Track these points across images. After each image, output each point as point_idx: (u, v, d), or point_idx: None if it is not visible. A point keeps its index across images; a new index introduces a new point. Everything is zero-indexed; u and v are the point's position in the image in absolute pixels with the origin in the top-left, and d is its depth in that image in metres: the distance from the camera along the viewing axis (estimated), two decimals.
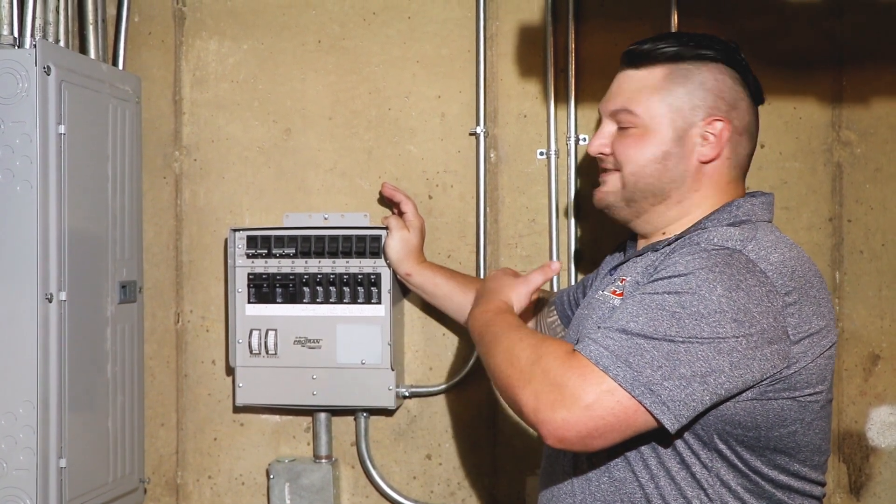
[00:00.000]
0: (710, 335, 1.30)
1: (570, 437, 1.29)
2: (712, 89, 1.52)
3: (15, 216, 1.82)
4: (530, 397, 1.32)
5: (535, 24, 2.14)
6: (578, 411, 1.28)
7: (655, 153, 1.52)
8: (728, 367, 1.30)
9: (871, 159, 2.06)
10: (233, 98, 2.24)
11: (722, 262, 1.35)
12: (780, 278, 1.36)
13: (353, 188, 2.20)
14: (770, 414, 1.37)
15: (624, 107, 1.54)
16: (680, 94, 1.52)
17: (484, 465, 2.18)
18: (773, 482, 1.40)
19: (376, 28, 2.19)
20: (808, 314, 1.38)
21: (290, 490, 2.16)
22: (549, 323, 1.91)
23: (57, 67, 1.85)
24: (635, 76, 1.55)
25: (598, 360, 1.30)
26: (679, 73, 1.52)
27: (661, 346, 1.29)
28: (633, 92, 1.54)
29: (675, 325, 1.30)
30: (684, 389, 1.29)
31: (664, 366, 1.28)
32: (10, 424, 1.82)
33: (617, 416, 1.28)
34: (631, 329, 1.32)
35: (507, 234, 2.16)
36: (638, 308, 1.34)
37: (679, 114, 1.52)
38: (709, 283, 1.32)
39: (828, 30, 2.06)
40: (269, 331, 2.13)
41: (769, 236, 1.43)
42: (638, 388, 1.28)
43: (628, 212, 1.57)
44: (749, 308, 1.32)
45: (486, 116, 2.15)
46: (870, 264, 2.06)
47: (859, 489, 2.07)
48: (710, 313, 1.30)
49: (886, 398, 2.06)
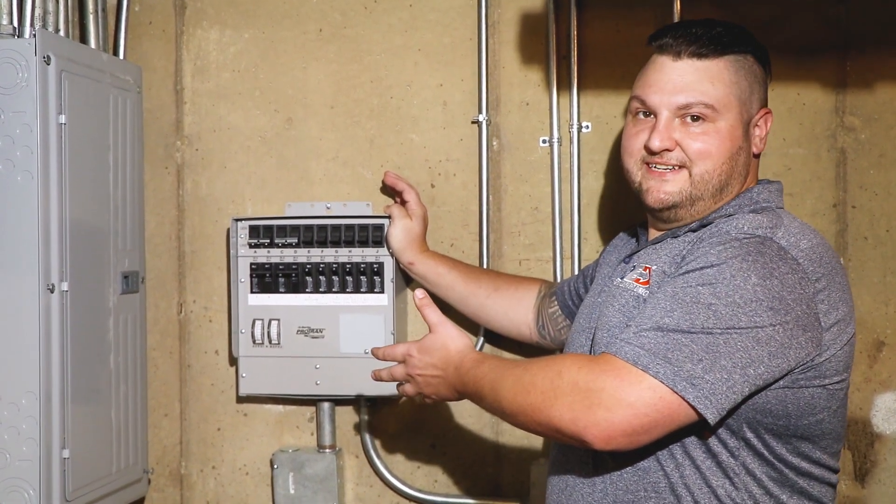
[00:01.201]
0: (748, 324, 1.29)
1: (616, 436, 1.27)
2: (761, 80, 1.53)
3: (16, 206, 1.81)
4: (565, 411, 1.29)
5: (537, 12, 2.13)
6: (621, 411, 1.26)
7: (733, 148, 1.48)
8: (767, 357, 1.29)
9: (876, 145, 2.05)
10: (234, 87, 2.23)
11: (754, 250, 1.34)
12: (810, 265, 1.35)
13: (355, 177, 2.20)
14: (801, 402, 1.36)
15: (700, 100, 1.47)
16: (744, 87, 1.50)
17: (488, 454, 2.18)
18: (795, 469, 1.40)
19: (378, 16, 2.18)
20: (836, 300, 1.37)
21: (294, 480, 2.16)
22: (551, 313, 1.91)
23: (57, 57, 1.84)
24: (699, 67, 1.48)
25: (636, 360, 1.28)
26: (739, 65, 1.50)
27: (699, 339, 1.28)
28: (704, 84, 1.48)
29: (711, 317, 1.28)
30: (726, 382, 1.27)
31: (704, 359, 1.27)
32: (13, 415, 1.82)
33: (661, 411, 1.27)
34: (667, 325, 1.30)
35: (510, 222, 2.16)
36: (671, 302, 1.32)
37: (745, 107, 1.50)
38: (743, 272, 1.31)
39: (831, 15, 2.05)
40: (272, 321, 2.12)
41: (795, 223, 1.43)
42: (680, 383, 1.26)
43: (688, 211, 1.51)
44: (784, 296, 1.31)
45: (488, 104, 2.14)
46: (874, 250, 2.06)
47: (864, 475, 2.07)
48: (745, 302, 1.29)
49: (891, 385, 2.06)
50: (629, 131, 1.56)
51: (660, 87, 1.50)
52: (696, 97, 1.47)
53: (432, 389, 1.56)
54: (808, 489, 1.41)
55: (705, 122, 1.48)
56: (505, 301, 1.96)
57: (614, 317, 1.48)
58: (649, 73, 1.53)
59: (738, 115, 1.49)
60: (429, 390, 1.57)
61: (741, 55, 1.51)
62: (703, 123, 1.48)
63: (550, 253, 2.13)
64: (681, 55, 1.49)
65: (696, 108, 1.48)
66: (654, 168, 1.51)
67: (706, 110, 1.47)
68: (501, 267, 2.15)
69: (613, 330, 1.47)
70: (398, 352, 1.60)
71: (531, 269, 2.14)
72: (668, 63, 1.50)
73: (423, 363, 1.55)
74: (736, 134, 1.49)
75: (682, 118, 1.49)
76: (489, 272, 2.08)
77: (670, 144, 1.49)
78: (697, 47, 1.48)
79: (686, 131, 1.49)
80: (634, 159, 1.54)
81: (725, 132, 1.48)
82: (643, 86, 1.53)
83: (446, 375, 1.52)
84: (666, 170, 1.50)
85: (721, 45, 1.49)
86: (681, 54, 1.49)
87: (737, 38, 1.51)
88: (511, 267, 2.15)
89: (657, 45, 1.53)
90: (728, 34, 1.50)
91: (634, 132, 1.54)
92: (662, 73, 1.50)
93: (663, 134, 1.49)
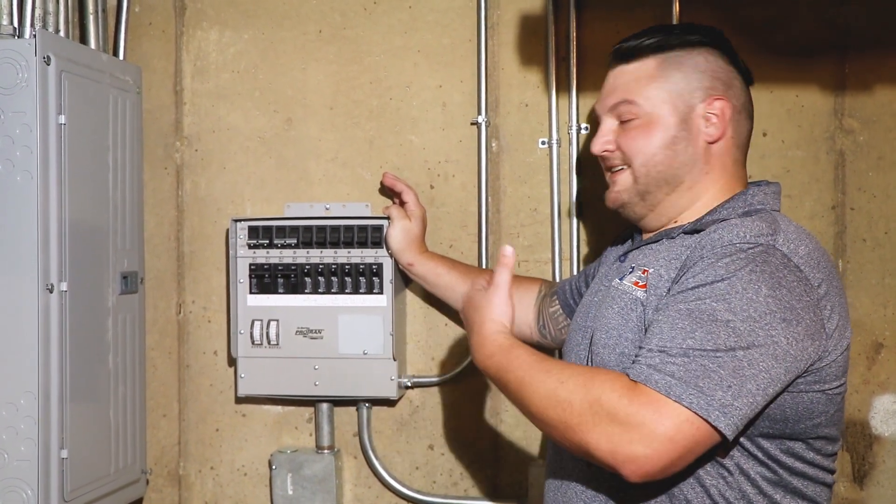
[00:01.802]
0: (765, 339, 1.30)
1: (654, 471, 1.28)
2: (707, 70, 1.54)
3: (15, 206, 1.82)
4: (602, 440, 1.29)
5: (536, 13, 2.13)
6: (661, 446, 1.26)
7: (664, 139, 1.52)
8: (783, 373, 1.31)
9: (874, 147, 2.06)
10: (234, 88, 2.23)
11: (760, 260, 1.34)
12: (811, 271, 1.36)
13: (354, 178, 2.20)
14: (799, 407, 1.37)
15: (624, 98, 1.55)
16: (677, 79, 1.53)
17: (486, 455, 2.18)
18: (789, 469, 1.40)
19: (377, 17, 2.19)
20: (835, 305, 1.38)
21: (292, 480, 2.16)
22: (552, 313, 1.91)
23: (57, 57, 1.85)
24: (628, 70, 1.57)
25: (668, 391, 1.27)
26: (672, 60, 1.54)
27: (724, 361, 1.28)
28: (630, 84, 1.55)
29: (732, 335, 1.29)
30: (751, 405, 1.29)
31: (733, 385, 1.28)
32: (12, 415, 1.82)
33: (698, 441, 1.28)
34: (691, 348, 1.30)
35: (509, 223, 2.16)
36: (689, 322, 1.32)
37: (680, 98, 1.53)
38: (753, 283, 1.32)
39: (830, 18, 2.05)
40: (271, 321, 2.13)
41: (791, 227, 1.43)
42: (713, 413, 1.27)
43: (643, 206, 1.56)
44: (793, 305, 1.32)
45: (487, 106, 2.14)
46: (873, 252, 2.06)
47: (863, 477, 2.07)
48: (760, 315, 1.30)
49: (890, 387, 2.06)
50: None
51: (599, 97, 1.62)
52: (620, 96, 1.56)
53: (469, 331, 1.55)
54: (802, 489, 1.41)
55: (636, 120, 1.54)
56: None
57: (613, 319, 1.48)
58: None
59: (669, 107, 1.53)
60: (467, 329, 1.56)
61: (681, 50, 1.54)
62: (634, 121, 1.54)
63: (549, 254, 2.13)
64: (612, 65, 1.60)
65: (622, 107, 1.55)
66: (611, 172, 1.60)
67: (630, 107, 1.54)
68: None
69: (612, 332, 1.47)
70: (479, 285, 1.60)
71: (530, 270, 2.14)
72: (608, 74, 1.61)
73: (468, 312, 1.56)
74: (667, 123, 1.53)
75: (620, 121, 1.57)
76: (489, 272, 2.08)
77: (609, 146, 1.57)
78: (626, 51, 1.57)
79: (622, 131, 1.56)
80: (602, 168, 1.64)
81: (654, 124, 1.53)
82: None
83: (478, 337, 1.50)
84: (616, 172, 1.59)
85: (649, 45, 1.55)
86: (612, 64, 1.60)
87: (673, 36, 1.56)
88: None
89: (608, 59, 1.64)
90: (662, 34, 1.56)
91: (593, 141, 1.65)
92: (604, 83, 1.62)
93: (600, 138, 1.59)
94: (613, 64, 1.60)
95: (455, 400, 2.18)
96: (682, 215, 1.55)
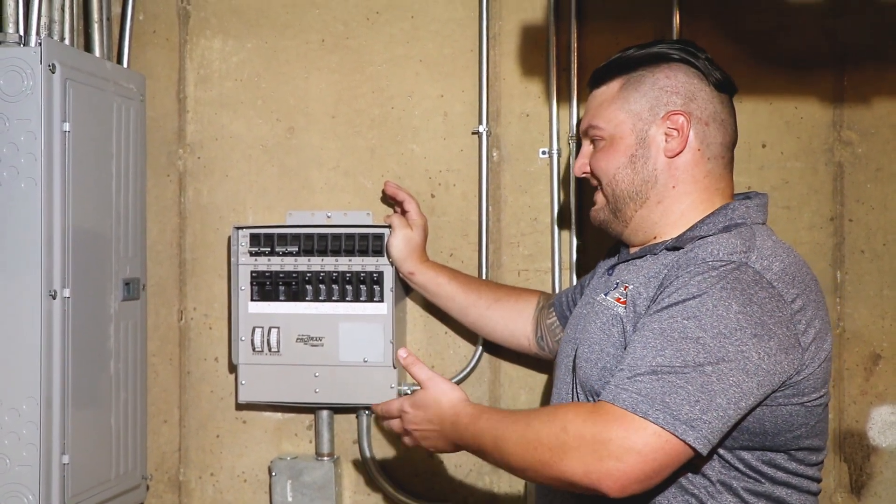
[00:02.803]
0: (735, 355, 1.31)
1: (630, 485, 1.29)
2: (665, 87, 1.56)
3: (19, 213, 1.83)
4: (576, 465, 1.31)
5: (537, 24, 2.14)
6: (631, 459, 1.28)
7: (622, 159, 1.58)
8: (756, 387, 1.33)
9: (873, 159, 2.07)
10: (237, 96, 2.25)
11: (732, 277, 1.36)
12: (784, 287, 1.37)
13: (355, 186, 2.21)
14: (778, 420, 1.38)
15: (590, 123, 1.63)
16: (636, 99, 1.58)
17: (485, 462, 2.18)
18: (771, 480, 1.41)
19: (379, 27, 2.20)
20: (812, 318, 1.39)
21: (292, 487, 2.17)
22: (549, 325, 1.92)
23: (62, 65, 1.86)
24: (597, 94, 1.64)
25: (635, 408, 1.30)
26: (633, 81, 1.59)
27: (692, 378, 1.30)
28: (596, 108, 1.62)
29: (701, 351, 1.31)
30: (721, 419, 1.31)
31: (701, 399, 1.29)
32: (14, 420, 1.83)
33: (669, 455, 1.30)
34: (659, 365, 1.32)
35: (510, 233, 2.17)
36: (660, 340, 1.34)
37: (638, 117, 1.57)
38: (724, 301, 1.34)
39: (829, 30, 2.07)
40: (272, 328, 2.13)
41: (767, 242, 1.44)
42: (679, 427, 1.28)
43: (618, 223, 1.62)
44: (765, 321, 1.34)
45: (488, 115, 2.15)
46: (871, 264, 2.07)
47: (860, 488, 2.08)
48: (730, 332, 1.32)
49: (887, 398, 2.07)
50: None
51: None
52: (587, 121, 1.64)
53: (430, 443, 1.56)
54: (785, 498, 1.42)
55: (602, 142, 1.61)
56: (505, 312, 1.97)
57: (595, 333, 1.51)
58: None
59: (627, 127, 1.58)
60: (427, 444, 1.57)
61: (644, 69, 1.58)
62: (601, 143, 1.61)
63: (549, 263, 2.14)
64: (589, 88, 1.68)
65: (591, 131, 1.63)
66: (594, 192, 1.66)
67: (596, 131, 1.62)
68: (500, 277, 2.16)
69: (594, 347, 1.50)
70: (393, 408, 1.60)
71: (530, 279, 2.15)
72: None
73: (417, 418, 1.56)
74: (627, 143, 1.57)
75: (591, 141, 1.64)
76: (489, 283, 2.09)
77: (584, 169, 1.65)
78: (594, 78, 1.65)
79: (594, 153, 1.63)
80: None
81: (616, 145, 1.59)
82: None
83: (442, 430, 1.53)
84: (595, 192, 1.66)
85: (609, 70, 1.62)
86: (589, 87, 1.68)
87: (637, 57, 1.60)
88: (510, 277, 2.16)
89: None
90: (627, 56, 1.61)
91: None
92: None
93: (577, 162, 1.67)
94: (589, 88, 1.68)
95: None
96: (662, 230, 1.57)
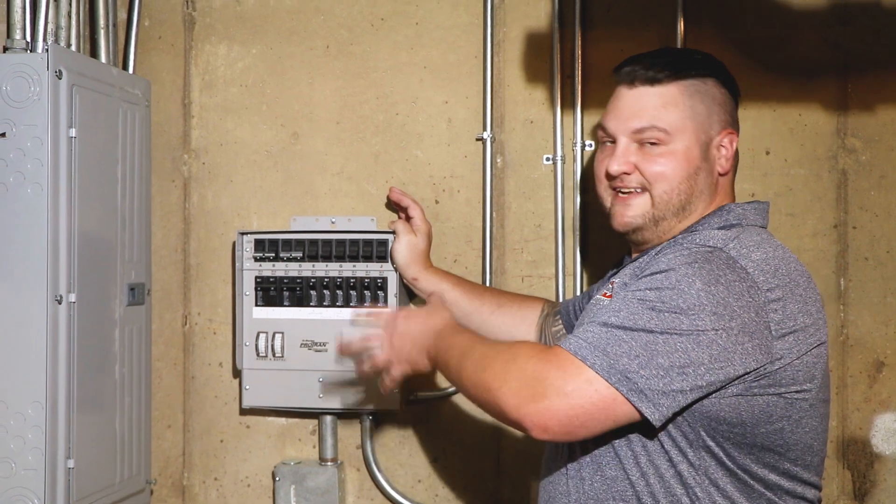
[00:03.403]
0: (689, 328, 1.32)
1: (552, 426, 1.32)
2: (721, 103, 1.57)
3: (26, 218, 1.83)
4: (510, 396, 1.35)
5: (542, 31, 2.15)
6: (558, 400, 1.31)
7: (688, 169, 1.53)
8: (708, 360, 1.33)
9: (876, 166, 2.07)
10: (241, 102, 2.26)
11: (702, 258, 1.38)
12: (761, 275, 1.38)
13: (360, 192, 2.22)
14: (755, 410, 1.38)
15: (652, 124, 1.53)
16: (700, 110, 1.54)
17: (488, 468, 2.19)
18: (762, 481, 1.41)
19: (384, 33, 2.21)
20: (793, 311, 1.39)
21: (295, 492, 2.17)
22: (555, 332, 1.92)
23: (68, 71, 1.87)
24: (651, 93, 1.55)
25: (576, 352, 1.33)
26: (694, 89, 1.55)
27: (639, 336, 1.32)
28: (656, 109, 1.54)
29: (654, 318, 1.33)
30: (661, 379, 1.31)
31: (641, 355, 1.31)
32: (19, 425, 1.83)
33: (596, 404, 1.32)
34: (611, 322, 1.35)
35: (513, 239, 2.18)
36: (620, 304, 1.37)
37: (702, 128, 1.54)
38: (688, 277, 1.35)
39: (833, 37, 2.07)
40: (276, 333, 2.14)
41: (753, 237, 1.46)
42: (614, 375, 1.31)
43: (653, 232, 1.57)
44: (729, 302, 1.34)
45: (492, 122, 2.16)
46: (875, 271, 2.07)
47: (863, 496, 2.08)
48: (689, 307, 1.33)
49: (891, 405, 2.07)
50: (596, 159, 1.65)
51: (616, 114, 1.58)
52: (649, 121, 1.54)
53: (405, 354, 1.60)
54: (778, 502, 1.42)
55: (661, 146, 1.54)
56: (508, 319, 1.97)
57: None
58: (610, 103, 1.62)
59: (693, 137, 1.54)
60: (402, 355, 1.60)
61: (698, 79, 1.56)
62: (659, 146, 1.54)
63: (553, 270, 2.15)
64: (634, 82, 1.57)
65: (648, 132, 1.54)
66: (620, 193, 1.58)
67: (659, 133, 1.53)
68: (504, 283, 2.17)
69: None
70: (382, 315, 1.66)
71: (533, 285, 2.16)
72: (623, 91, 1.58)
73: (405, 325, 1.62)
74: (692, 155, 1.54)
75: (640, 143, 1.55)
76: (493, 290, 2.09)
77: (627, 168, 1.55)
78: (650, 74, 1.55)
79: (643, 155, 1.55)
80: (603, 185, 1.62)
81: (681, 154, 1.53)
82: (605, 114, 1.61)
83: (425, 339, 1.58)
84: (628, 194, 1.57)
85: (673, 70, 1.55)
86: (634, 82, 1.57)
87: (692, 64, 1.57)
88: (514, 283, 2.16)
89: (617, 76, 1.61)
90: (682, 60, 1.57)
91: (600, 159, 1.63)
92: (620, 100, 1.59)
93: (619, 159, 1.56)
94: (632, 83, 1.57)
95: (458, 413, 2.19)
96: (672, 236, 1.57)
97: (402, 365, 1.62)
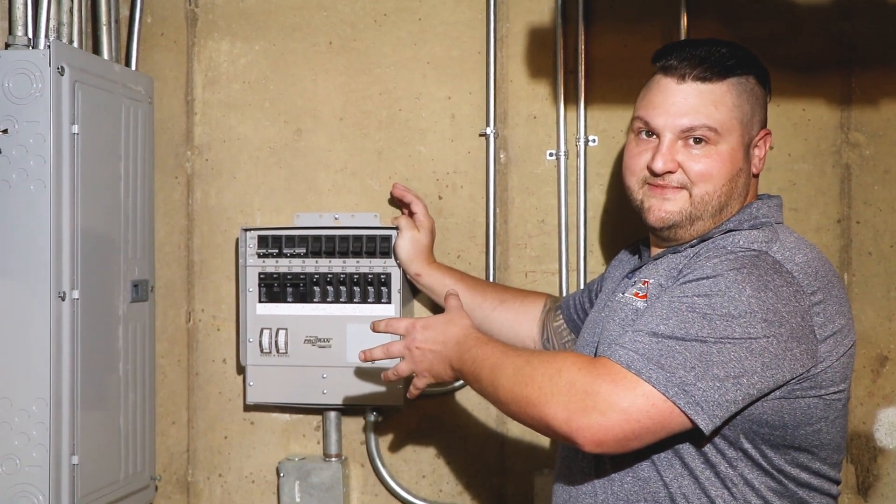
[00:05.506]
0: (742, 335, 1.30)
1: (608, 441, 1.29)
2: (761, 102, 1.54)
3: (28, 215, 1.83)
4: (560, 410, 1.31)
5: (545, 26, 2.15)
6: (615, 416, 1.28)
7: (732, 171, 1.50)
8: (760, 368, 1.31)
9: (880, 161, 2.07)
10: (244, 98, 2.25)
11: (749, 263, 1.36)
12: (805, 278, 1.37)
13: (363, 188, 2.22)
14: (797, 412, 1.38)
15: (703, 123, 1.48)
16: (746, 110, 1.51)
17: (493, 464, 2.19)
18: (795, 480, 1.41)
19: (387, 29, 2.21)
20: (832, 313, 1.39)
21: (299, 488, 2.17)
22: (556, 327, 1.92)
23: (71, 68, 1.87)
24: (703, 90, 1.49)
25: (629, 364, 1.30)
26: (742, 87, 1.51)
27: (692, 347, 1.29)
28: (708, 107, 1.48)
29: (706, 327, 1.30)
30: (718, 390, 1.29)
31: (696, 366, 1.28)
32: (24, 421, 1.84)
33: (653, 418, 1.29)
34: (661, 332, 1.32)
35: (517, 234, 2.17)
36: (667, 311, 1.34)
37: (746, 129, 1.51)
38: (738, 284, 1.33)
39: (837, 32, 2.07)
40: (280, 330, 2.14)
41: (790, 237, 1.44)
42: (672, 388, 1.28)
43: (687, 230, 1.52)
44: (778, 308, 1.33)
45: (495, 117, 2.16)
46: (878, 266, 2.07)
47: (867, 490, 2.08)
48: (740, 314, 1.31)
49: (895, 399, 2.07)
50: (631, 150, 1.57)
51: (664, 110, 1.51)
52: (701, 120, 1.48)
53: (427, 365, 1.57)
54: (808, 500, 1.42)
55: (707, 145, 1.49)
56: (510, 314, 1.97)
57: (614, 331, 1.50)
58: (654, 94, 1.53)
59: (739, 138, 1.50)
60: (423, 366, 1.57)
61: (743, 77, 1.52)
62: (706, 146, 1.49)
63: (556, 265, 2.15)
64: (685, 78, 1.50)
65: (699, 132, 1.48)
66: (657, 187, 1.52)
67: (709, 133, 1.48)
68: (507, 279, 2.16)
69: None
70: (401, 324, 1.62)
71: (537, 281, 2.16)
72: (672, 85, 1.51)
73: (424, 336, 1.57)
74: (737, 156, 1.50)
75: (685, 140, 1.50)
76: (495, 285, 2.09)
77: (673, 167, 1.50)
78: (702, 70, 1.49)
79: (688, 153, 1.50)
80: (637, 178, 1.55)
81: (727, 155, 1.49)
82: (647, 106, 1.53)
83: (446, 350, 1.54)
84: (664, 189, 1.51)
85: (725, 67, 1.49)
86: (685, 77, 1.50)
87: (740, 60, 1.52)
88: (517, 279, 2.16)
89: (661, 66, 1.54)
90: (731, 56, 1.51)
91: (637, 151, 1.55)
92: (667, 95, 1.51)
93: (667, 156, 1.50)
94: (682, 79, 1.50)
95: (462, 409, 2.19)
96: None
97: (425, 377, 1.60)
